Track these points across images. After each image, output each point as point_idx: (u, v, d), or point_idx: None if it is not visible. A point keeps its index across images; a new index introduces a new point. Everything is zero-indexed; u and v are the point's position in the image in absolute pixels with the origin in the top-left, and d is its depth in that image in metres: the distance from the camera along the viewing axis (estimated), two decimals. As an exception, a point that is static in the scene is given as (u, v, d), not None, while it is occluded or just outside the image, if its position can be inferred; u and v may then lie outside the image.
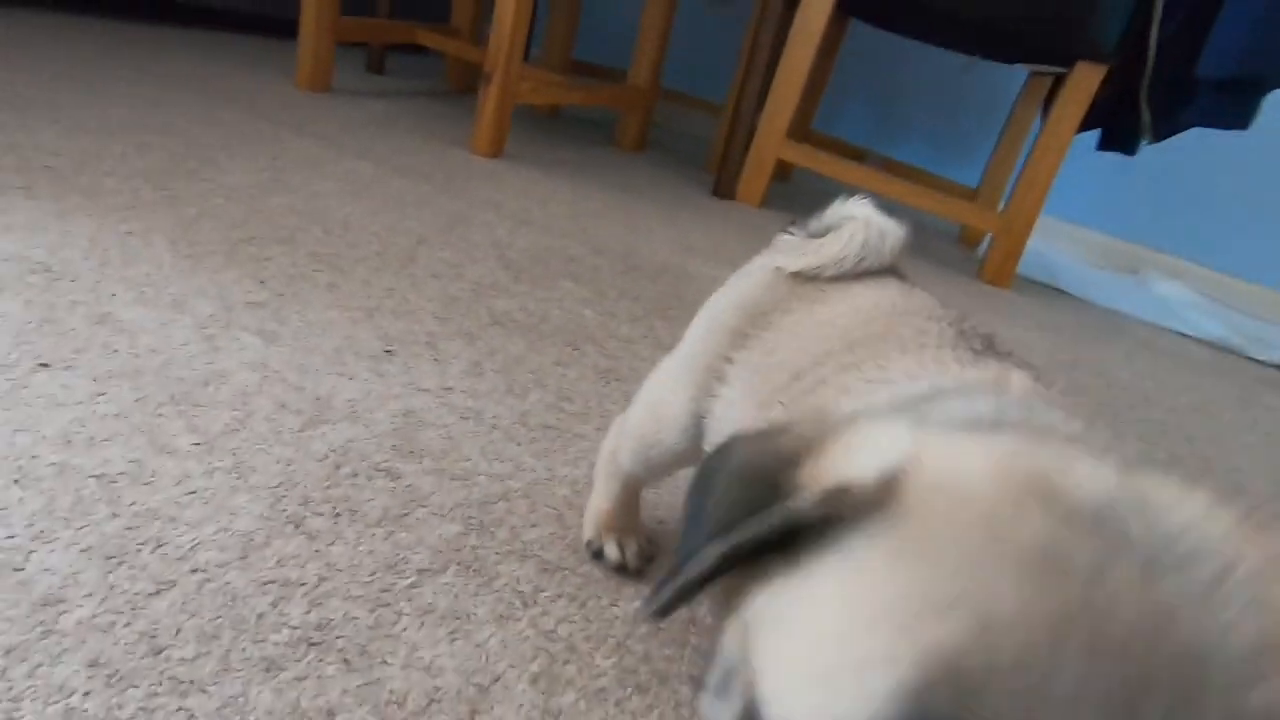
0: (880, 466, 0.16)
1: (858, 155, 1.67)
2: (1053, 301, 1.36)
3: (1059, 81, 1.40)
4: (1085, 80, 1.19)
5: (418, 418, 0.47)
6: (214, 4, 1.48)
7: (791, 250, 0.35)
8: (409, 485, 0.41)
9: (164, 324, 0.49)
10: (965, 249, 1.68)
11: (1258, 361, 1.34)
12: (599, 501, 0.40)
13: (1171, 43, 1.10)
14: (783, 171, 1.74)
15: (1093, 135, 1.41)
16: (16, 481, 0.34)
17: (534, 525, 0.41)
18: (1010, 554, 0.14)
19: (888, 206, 0.36)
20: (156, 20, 1.46)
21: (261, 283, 0.58)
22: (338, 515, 0.37)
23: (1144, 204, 1.87)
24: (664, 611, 0.18)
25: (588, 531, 0.40)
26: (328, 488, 0.39)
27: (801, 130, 1.64)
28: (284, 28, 1.72)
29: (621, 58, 2.15)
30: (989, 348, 0.26)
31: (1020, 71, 1.59)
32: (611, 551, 0.39)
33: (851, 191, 0.40)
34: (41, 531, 0.32)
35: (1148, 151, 1.38)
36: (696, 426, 0.34)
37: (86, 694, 0.26)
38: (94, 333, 0.46)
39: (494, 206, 0.95)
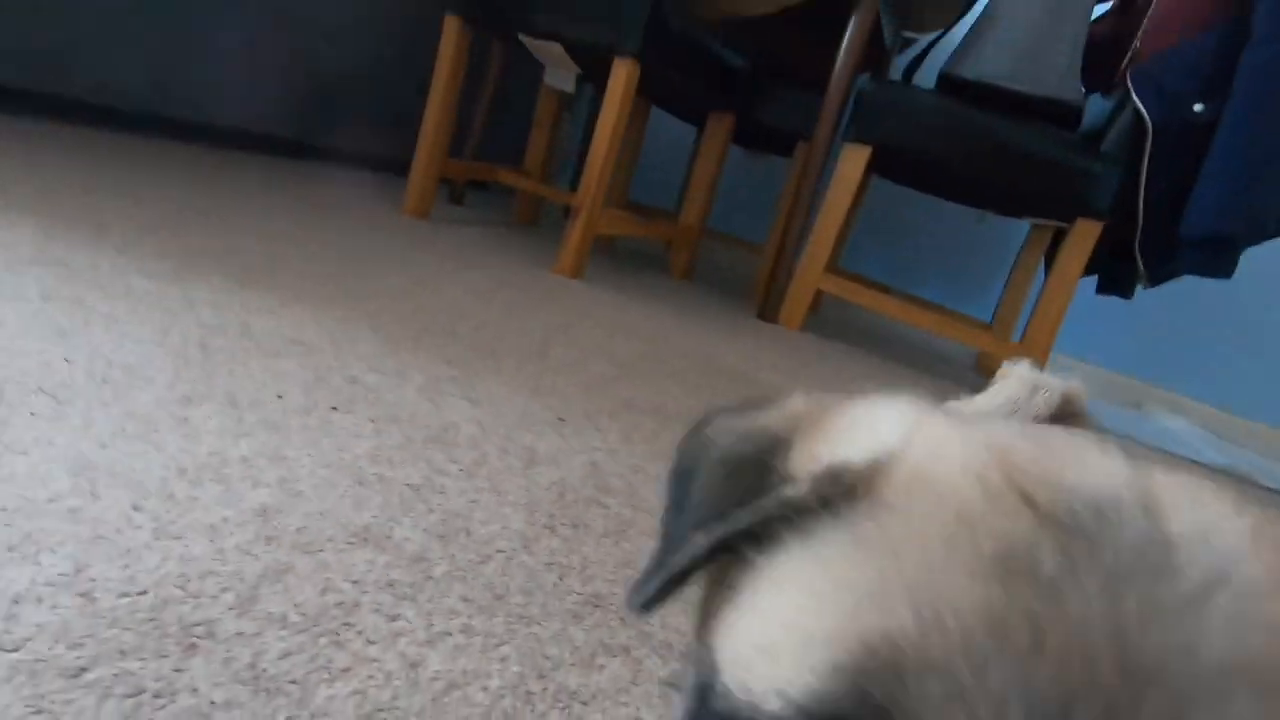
0: (874, 449, 0.16)
1: (883, 289, 1.86)
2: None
3: (1060, 230, 1.62)
4: (1085, 234, 1.39)
5: (600, 468, 0.58)
6: (318, 142, 1.72)
7: (951, 411, 0.40)
8: (616, 512, 0.52)
9: (396, 387, 0.62)
10: (983, 376, 1.83)
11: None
12: None
13: (1159, 203, 1.31)
14: (814, 301, 1.93)
15: (1093, 278, 1.61)
16: (360, 484, 0.45)
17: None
18: (973, 551, 0.13)
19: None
20: (243, 148, 1.70)
21: (448, 362, 0.72)
22: (574, 527, 0.48)
23: (1145, 341, 2.05)
24: (650, 604, 0.18)
25: None
26: (561, 508, 0.50)
27: (831, 266, 1.84)
28: (367, 162, 1.98)
29: (663, 198, 2.41)
30: None
31: (1025, 221, 1.82)
32: None
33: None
34: (391, 516, 0.43)
35: (1147, 293, 1.57)
36: None
37: (468, 617, 0.36)
38: (354, 389, 0.59)
39: (588, 317, 1.11)
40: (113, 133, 1.33)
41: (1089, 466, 0.14)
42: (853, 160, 1.47)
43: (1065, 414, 0.35)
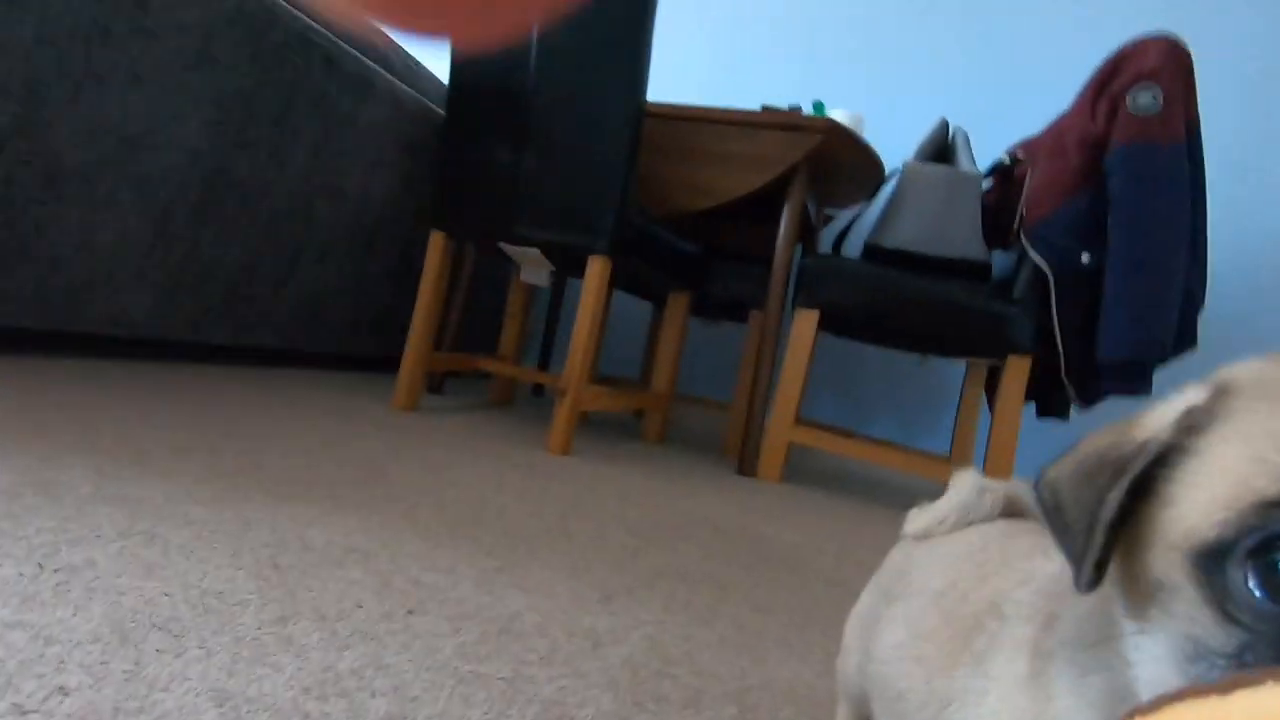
0: (1200, 393, 0.20)
1: (846, 434, 1.98)
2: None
3: (995, 366, 1.80)
4: (1018, 368, 1.57)
5: (657, 641, 0.62)
6: (305, 349, 1.81)
7: (912, 519, 0.43)
8: (685, 682, 0.56)
9: (453, 584, 0.65)
10: (953, 506, 1.93)
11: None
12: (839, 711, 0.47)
13: (1074, 336, 1.50)
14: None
15: (1032, 404, 1.77)
16: (461, 682, 0.48)
17: (780, 708, 0.55)
18: None
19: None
20: (232, 363, 1.77)
21: (488, 553, 0.76)
22: (658, 701, 0.52)
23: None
24: (1092, 585, 0.20)
25: None
26: (637, 684, 0.53)
27: (796, 418, 1.97)
28: (350, 362, 2.06)
29: (627, 368, 2.55)
30: None
31: (962, 361, 2.01)
32: None
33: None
34: (500, 711, 0.46)
35: (1084, 414, 1.73)
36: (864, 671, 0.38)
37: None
38: (420, 591, 0.62)
39: (591, 491, 1.16)
40: (122, 360, 1.39)
41: None
42: (804, 323, 1.64)
43: (1010, 512, 0.41)
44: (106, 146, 1.24)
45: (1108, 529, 0.20)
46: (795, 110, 1.80)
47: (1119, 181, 1.40)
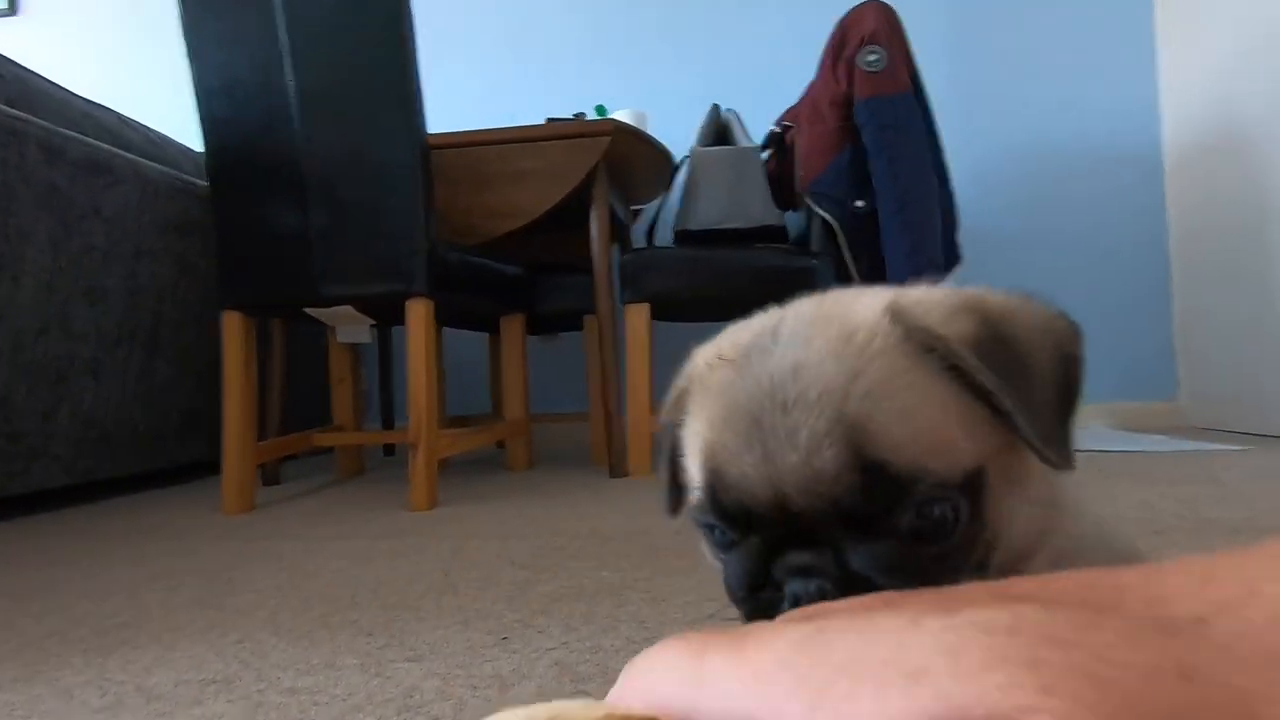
0: (683, 378, 0.32)
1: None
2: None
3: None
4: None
5: (565, 664, 0.61)
6: (100, 477, 1.58)
7: None
8: (602, 694, 0.55)
9: (336, 679, 0.60)
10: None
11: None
12: None
13: (869, 275, 1.67)
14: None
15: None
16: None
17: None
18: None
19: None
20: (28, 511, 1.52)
21: (369, 634, 0.70)
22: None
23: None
24: (670, 512, 0.30)
25: None
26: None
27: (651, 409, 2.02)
28: (158, 479, 1.84)
29: (474, 403, 2.49)
30: None
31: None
32: None
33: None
34: (415, 791, 0.43)
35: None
36: None
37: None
38: (296, 699, 0.56)
39: (472, 537, 1.12)
40: None
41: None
42: (637, 317, 1.69)
43: None
44: None
45: (667, 481, 0.29)
46: (580, 118, 1.84)
47: (869, 133, 1.58)
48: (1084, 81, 2.47)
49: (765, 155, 1.91)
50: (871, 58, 1.57)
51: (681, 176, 1.83)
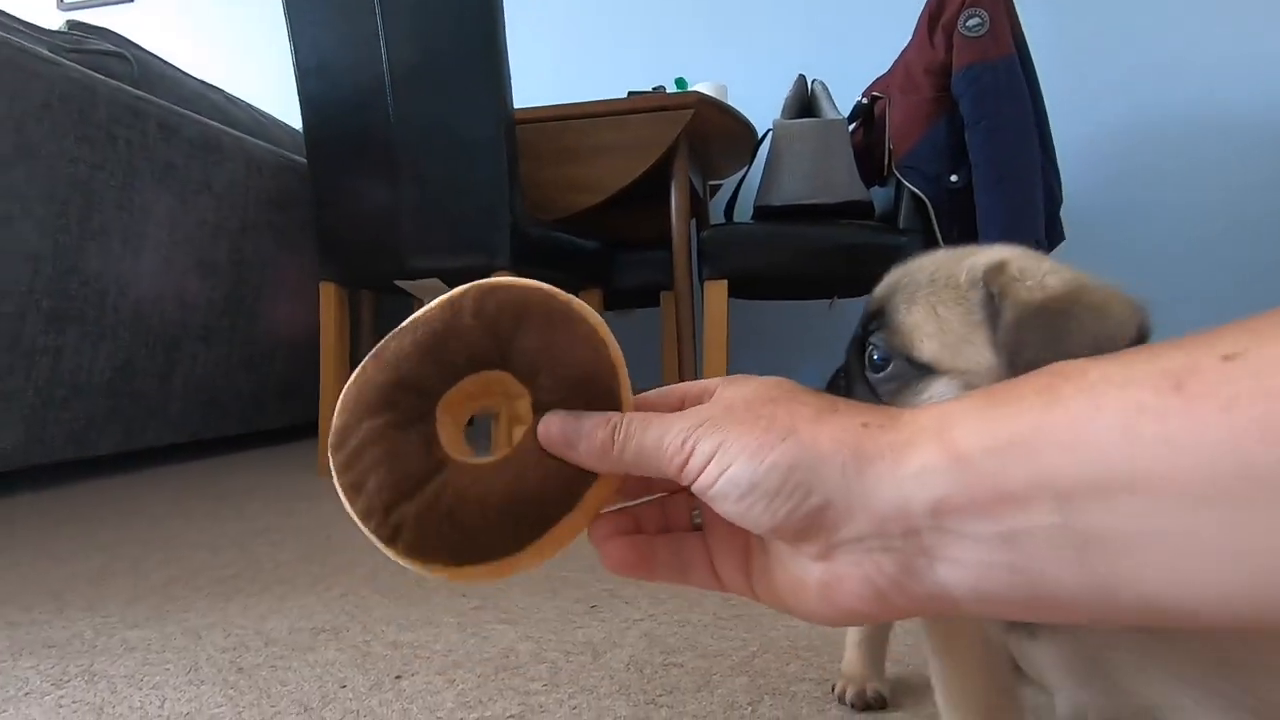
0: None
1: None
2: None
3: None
4: (918, 292, 1.65)
5: (654, 635, 0.62)
6: (207, 436, 1.69)
7: None
8: (693, 665, 0.55)
9: (435, 635, 0.63)
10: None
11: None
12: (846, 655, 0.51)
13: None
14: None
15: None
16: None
17: (786, 666, 0.56)
18: None
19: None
20: (156, 464, 1.64)
21: (463, 595, 0.73)
22: (669, 693, 0.51)
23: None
24: None
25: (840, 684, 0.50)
26: (645, 681, 0.53)
27: (727, 386, 2.01)
28: (262, 439, 1.95)
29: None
30: None
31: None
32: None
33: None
34: (547, 683, 0.44)
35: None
36: None
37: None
38: (401, 652, 0.59)
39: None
40: (-11, 500, 1.25)
41: None
42: (715, 294, 1.67)
43: None
44: (-72, 269, 1.11)
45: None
46: (660, 91, 1.82)
47: (968, 102, 1.50)
48: (1209, 36, 2.25)
49: (852, 128, 1.84)
50: (973, 22, 1.48)
51: (764, 150, 1.78)
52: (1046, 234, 1.54)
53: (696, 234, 1.79)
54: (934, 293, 0.30)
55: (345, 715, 0.49)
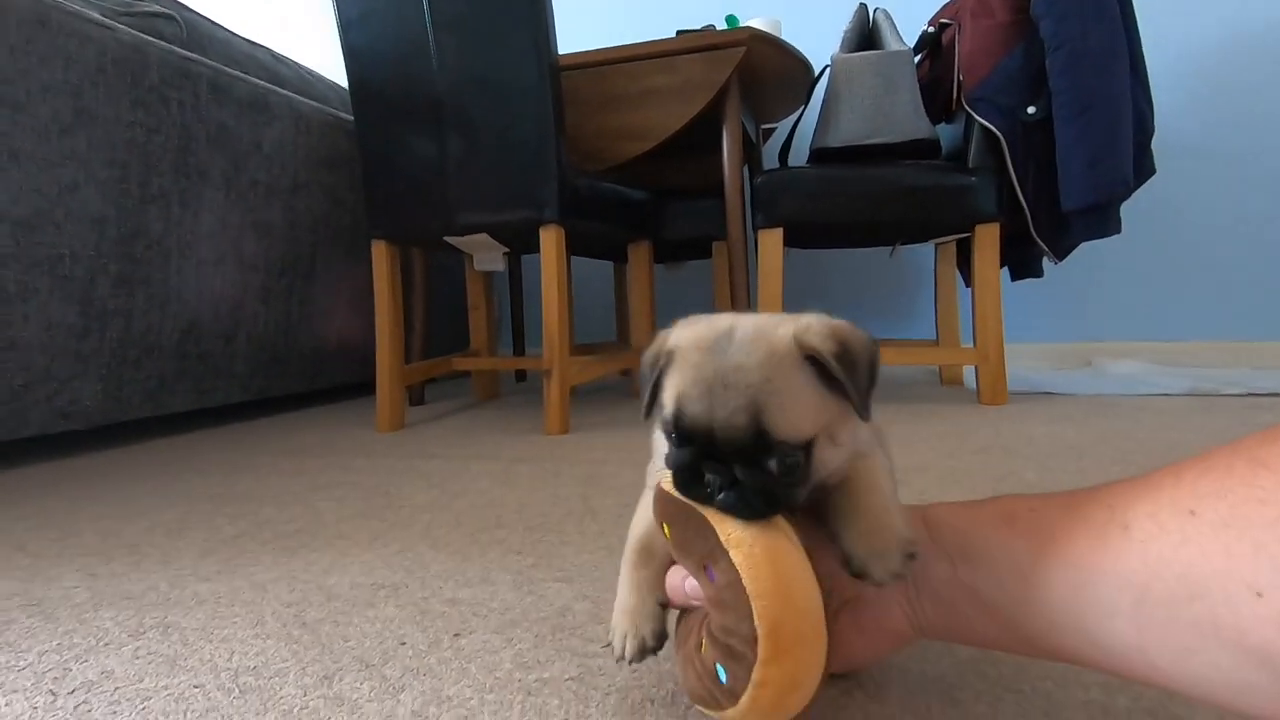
0: (664, 340, 0.40)
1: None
2: (1048, 403, 1.58)
3: (963, 240, 1.78)
4: (988, 236, 1.55)
5: (714, 595, 0.60)
6: (269, 395, 1.74)
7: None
8: (755, 630, 0.53)
9: (492, 593, 0.62)
10: (949, 386, 1.94)
11: (1234, 396, 1.57)
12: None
13: (1036, 192, 1.49)
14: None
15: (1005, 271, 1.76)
16: (529, 694, 0.46)
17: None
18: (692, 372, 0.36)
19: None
20: (211, 425, 1.70)
21: (518, 553, 0.73)
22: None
23: (1074, 306, 2.23)
24: (646, 416, 0.41)
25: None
26: (709, 646, 0.51)
27: (781, 339, 1.95)
28: (316, 398, 1.99)
29: (599, 331, 2.51)
30: None
31: (931, 243, 1.99)
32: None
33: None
34: (579, 713, 0.43)
35: (1059, 267, 1.73)
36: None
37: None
38: (459, 610, 0.59)
39: (601, 463, 1.14)
40: (72, 455, 1.32)
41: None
42: (771, 243, 1.61)
43: None
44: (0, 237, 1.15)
45: (649, 393, 0.40)
46: (710, 29, 1.73)
47: (1051, 23, 1.37)
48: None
49: (918, 59, 1.72)
50: (1056, -67, 1.34)
51: (821, 88, 1.69)
52: (1135, 168, 1.42)
53: (749, 181, 1.72)
54: (780, 382, 0.35)
55: (405, 673, 0.49)
